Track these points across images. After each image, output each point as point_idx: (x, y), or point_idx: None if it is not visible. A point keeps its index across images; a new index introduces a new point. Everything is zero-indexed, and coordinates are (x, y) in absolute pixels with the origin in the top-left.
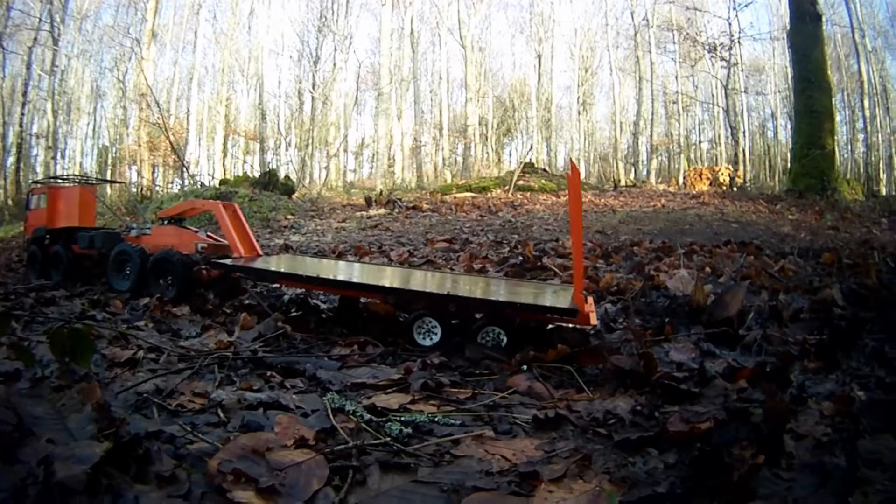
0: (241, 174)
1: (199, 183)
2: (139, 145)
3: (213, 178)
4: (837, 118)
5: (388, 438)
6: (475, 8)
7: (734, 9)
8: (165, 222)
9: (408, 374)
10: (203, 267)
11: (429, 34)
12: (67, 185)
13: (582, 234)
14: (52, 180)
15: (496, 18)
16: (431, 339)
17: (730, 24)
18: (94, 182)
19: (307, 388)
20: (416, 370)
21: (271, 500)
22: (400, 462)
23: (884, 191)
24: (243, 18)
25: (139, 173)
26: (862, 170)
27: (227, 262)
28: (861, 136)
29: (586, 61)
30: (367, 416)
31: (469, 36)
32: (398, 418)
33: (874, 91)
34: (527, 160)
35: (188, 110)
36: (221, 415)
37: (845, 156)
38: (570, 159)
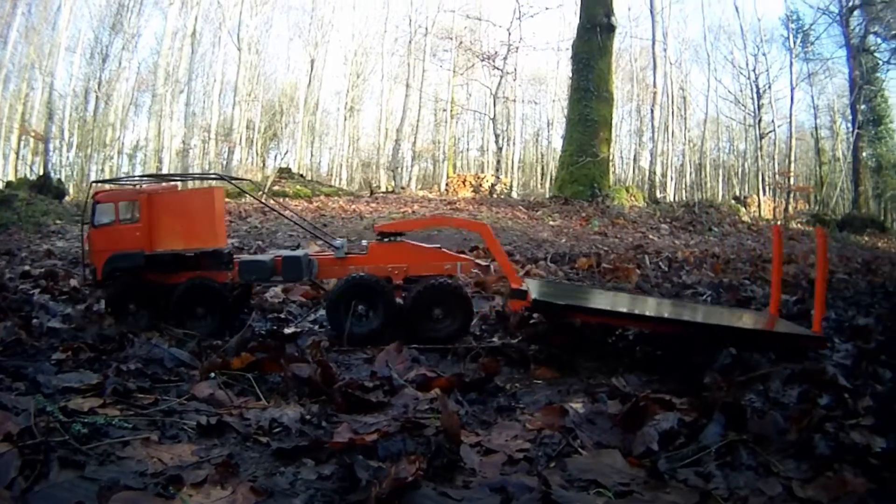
0: (23, 176)
1: None
2: None
3: (3, 181)
4: (626, 128)
5: (69, 437)
6: (258, 9)
7: (518, 18)
8: (392, 238)
9: (105, 380)
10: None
11: (211, 35)
12: (166, 185)
13: (826, 277)
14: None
15: (278, 21)
16: None
17: (510, 33)
18: (229, 179)
19: (27, 389)
20: (111, 376)
21: None
22: (75, 459)
23: (670, 198)
24: (52, 14)
25: None
26: (647, 178)
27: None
28: (648, 146)
29: (359, 66)
30: (60, 417)
31: (247, 38)
32: (82, 420)
33: (671, 102)
34: (284, 165)
35: None
36: None
37: (629, 164)
38: (819, 229)
